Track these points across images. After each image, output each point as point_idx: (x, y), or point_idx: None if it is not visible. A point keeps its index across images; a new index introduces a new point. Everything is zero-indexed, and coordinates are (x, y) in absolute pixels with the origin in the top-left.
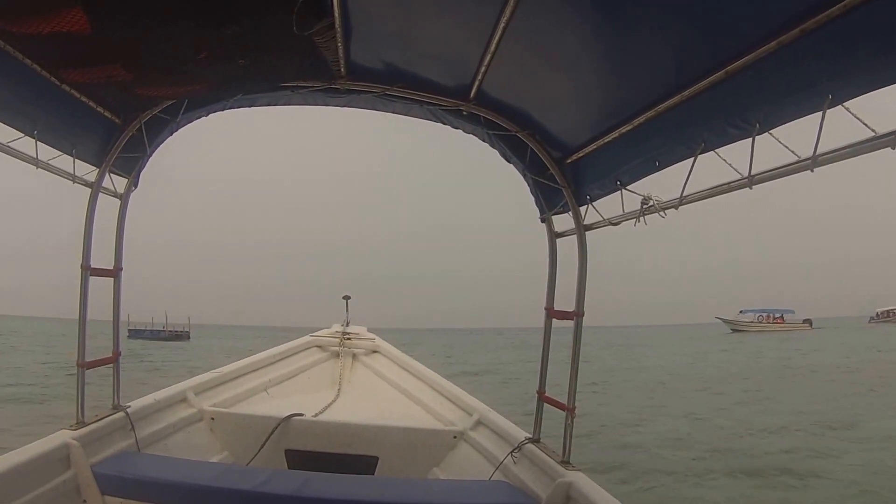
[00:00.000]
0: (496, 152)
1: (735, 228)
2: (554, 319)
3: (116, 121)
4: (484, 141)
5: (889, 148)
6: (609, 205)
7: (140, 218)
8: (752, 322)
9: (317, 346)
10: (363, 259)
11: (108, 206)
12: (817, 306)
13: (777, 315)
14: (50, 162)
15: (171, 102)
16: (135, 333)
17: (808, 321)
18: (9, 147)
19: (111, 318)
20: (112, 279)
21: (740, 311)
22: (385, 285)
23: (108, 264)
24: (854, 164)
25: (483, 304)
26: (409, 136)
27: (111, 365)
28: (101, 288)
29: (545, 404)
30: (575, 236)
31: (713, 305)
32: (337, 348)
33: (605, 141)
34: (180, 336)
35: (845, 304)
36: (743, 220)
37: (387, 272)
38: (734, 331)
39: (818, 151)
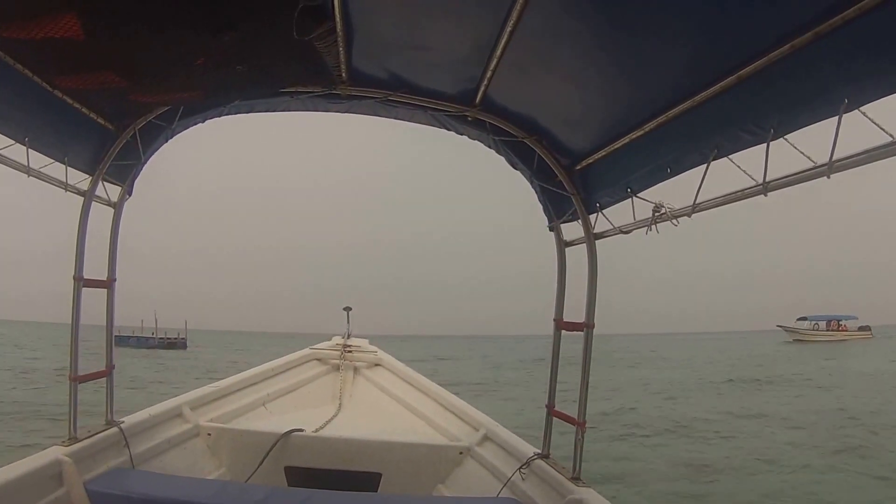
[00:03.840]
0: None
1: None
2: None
3: (110, 127)
4: (490, 147)
5: None
6: (620, 213)
7: (136, 222)
8: (813, 331)
9: (316, 360)
10: (367, 265)
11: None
12: (870, 312)
13: (841, 321)
14: (41, 170)
15: (166, 108)
16: (119, 340)
17: (865, 328)
18: None
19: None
20: (105, 290)
21: (798, 319)
22: (392, 291)
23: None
24: None
25: (496, 310)
26: (412, 140)
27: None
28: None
29: (555, 419)
30: (584, 245)
31: (760, 312)
32: (337, 361)
33: (615, 147)
34: (174, 344)
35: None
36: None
37: (393, 278)
38: (795, 340)
39: (834, 157)
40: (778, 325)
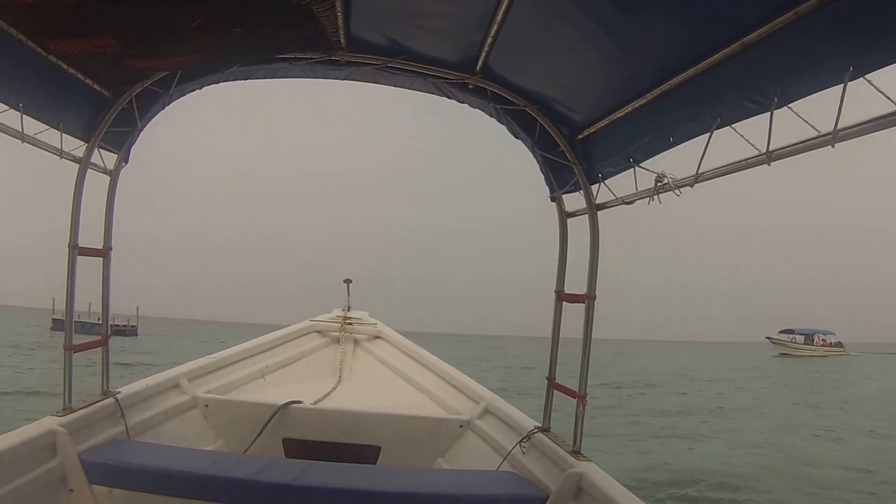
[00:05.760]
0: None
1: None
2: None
3: (106, 94)
4: (491, 116)
5: None
6: (622, 183)
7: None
8: (796, 344)
9: (316, 332)
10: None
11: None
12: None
13: (819, 336)
14: (36, 136)
15: (163, 74)
16: (60, 325)
17: (839, 344)
18: None
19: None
20: (101, 259)
21: (780, 331)
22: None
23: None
24: None
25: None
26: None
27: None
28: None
29: (556, 391)
30: (586, 216)
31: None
32: (338, 333)
33: (617, 116)
34: (123, 331)
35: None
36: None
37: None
38: (781, 354)
39: (839, 126)
40: (767, 337)
